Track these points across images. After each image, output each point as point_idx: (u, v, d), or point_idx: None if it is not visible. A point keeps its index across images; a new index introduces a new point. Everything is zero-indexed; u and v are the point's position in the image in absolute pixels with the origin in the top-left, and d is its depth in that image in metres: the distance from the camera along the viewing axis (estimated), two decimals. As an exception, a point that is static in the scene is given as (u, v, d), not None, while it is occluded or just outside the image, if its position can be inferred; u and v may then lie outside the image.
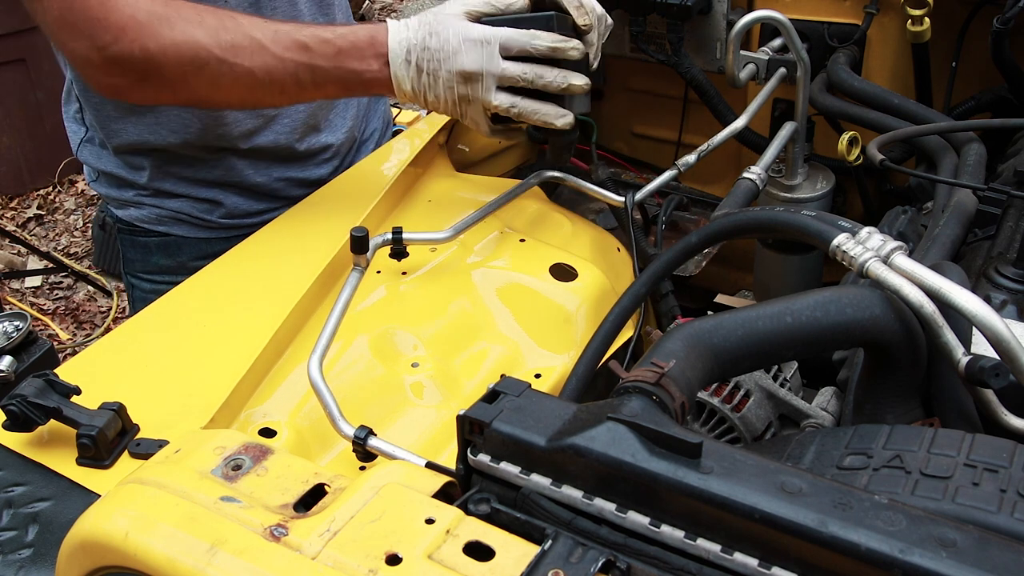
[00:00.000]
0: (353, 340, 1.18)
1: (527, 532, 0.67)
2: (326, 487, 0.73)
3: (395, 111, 4.55)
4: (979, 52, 1.51)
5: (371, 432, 0.99)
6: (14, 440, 0.96)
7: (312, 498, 0.72)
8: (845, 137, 1.47)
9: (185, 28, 1.26)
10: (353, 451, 1.00)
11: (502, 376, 1.00)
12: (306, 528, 0.67)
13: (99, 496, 0.77)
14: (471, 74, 1.24)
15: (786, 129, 1.54)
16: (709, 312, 1.26)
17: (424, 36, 1.26)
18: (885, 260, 0.95)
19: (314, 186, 1.54)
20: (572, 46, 1.26)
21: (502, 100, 1.26)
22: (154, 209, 1.60)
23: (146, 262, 1.66)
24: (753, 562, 0.62)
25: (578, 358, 1.13)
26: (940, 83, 1.59)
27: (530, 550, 0.64)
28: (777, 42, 1.63)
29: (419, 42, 1.26)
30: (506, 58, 1.24)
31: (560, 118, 1.28)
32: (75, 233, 4.25)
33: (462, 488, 0.73)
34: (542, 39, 1.24)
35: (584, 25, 1.32)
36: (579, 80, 1.27)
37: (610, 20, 1.36)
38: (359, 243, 1.21)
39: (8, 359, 1.05)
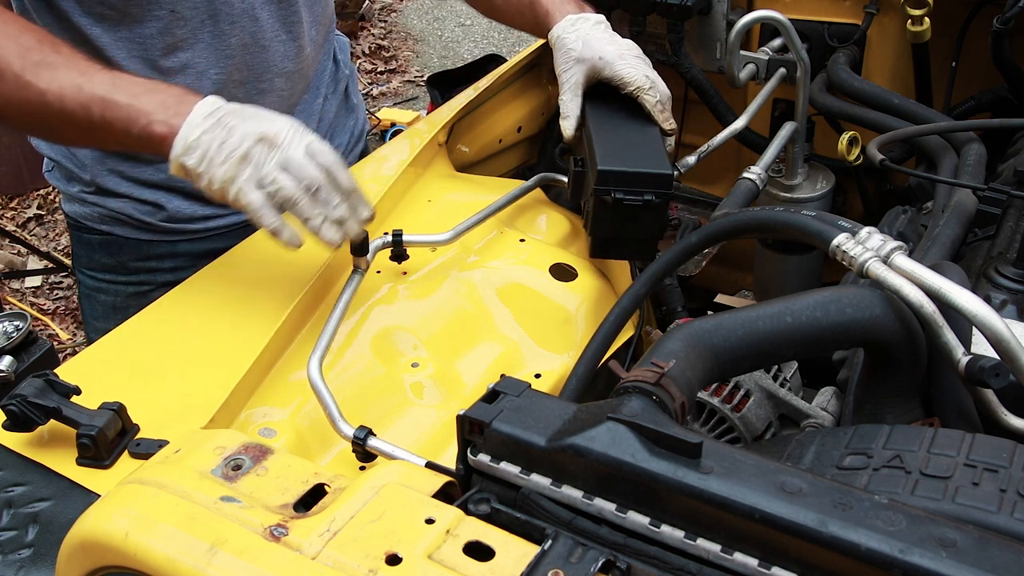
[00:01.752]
0: (353, 340, 1.18)
1: (527, 532, 0.67)
2: (326, 487, 0.72)
3: (395, 111, 4.54)
4: (979, 52, 1.51)
5: (371, 432, 0.99)
6: (14, 440, 0.96)
7: (312, 498, 0.72)
8: (845, 137, 1.47)
9: None
10: (353, 451, 1.00)
11: (502, 376, 1.00)
12: (306, 528, 0.67)
13: (99, 496, 0.77)
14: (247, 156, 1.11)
15: (786, 129, 1.54)
16: (709, 312, 1.26)
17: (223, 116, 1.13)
18: (885, 260, 0.95)
19: None
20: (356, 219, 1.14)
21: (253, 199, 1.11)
22: (96, 208, 1.55)
23: (90, 259, 1.63)
24: (753, 562, 0.62)
25: (578, 358, 1.13)
26: (940, 83, 1.59)
27: (530, 550, 0.64)
28: (777, 42, 1.63)
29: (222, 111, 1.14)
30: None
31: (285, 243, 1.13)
32: (75, 233, 4.24)
33: (462, 488, 0.73)
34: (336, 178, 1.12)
35: (670, 130, 1.35)
36: (334, 234, 1.12)
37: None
38: (359, 245, 1.21)
39: (8, 359, 1.05)
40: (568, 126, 1.39)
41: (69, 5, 1.33)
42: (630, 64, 1.37)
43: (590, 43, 1.39)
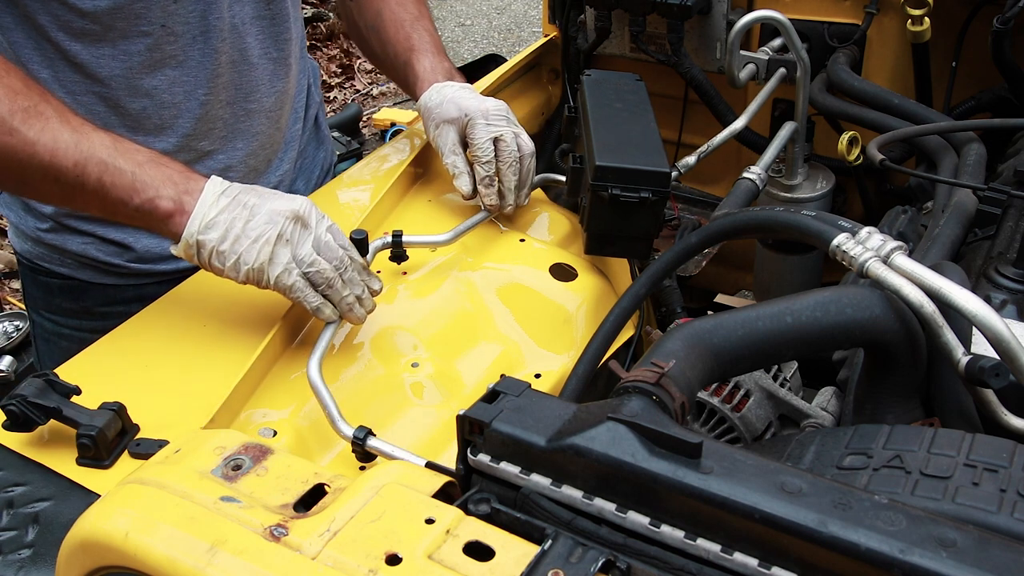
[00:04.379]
0: (353, 340, 1.18)
1: (527, 532, 0.67)
2: (326, 487, 0.72)
3: (395, 111, 4.54)
4: (979, 52, 1.51)
5: (370, 432, 0.99)
6: (14, 440, 0.96)
7: (312, 498, 0.72)
8: (845, 137, 1.47)
9: None
10: (352, 451, 1.00)
11: (502, 376, 1.00)
12: (306, 528, 0.67)
13: (99, 496, 0.77)
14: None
15: (786, 129, 1.54)
16: (709, 312, 1.26)
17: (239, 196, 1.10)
18: (885, 260, 0.95)
19: None
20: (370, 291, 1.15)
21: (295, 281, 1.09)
22: (54, 250, 1.41)
23: (48, 302, 1.48)
24: (753, 562, 0.62)
25: (578, 358, 1.13)
26: (940, 83, 1.59)
27: (530, 550, 0.64)
28: (777, 42, 1.63)
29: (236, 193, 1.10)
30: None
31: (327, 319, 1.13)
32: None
33: (462, 488, 0.73)
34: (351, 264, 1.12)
35: (488, 206, 1.37)
36: (361, 312, 1.14)
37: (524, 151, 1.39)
38: (359, 246, 1.21)
39: (8, 359, 1.05)
40: (465, 183, 1.38)
41: (46, 20, 1.23)
42: (487, 127, 1.36)
43: (456, 101, 1.39)
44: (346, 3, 1.60)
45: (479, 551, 0.64)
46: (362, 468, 1.01)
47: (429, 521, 0.66)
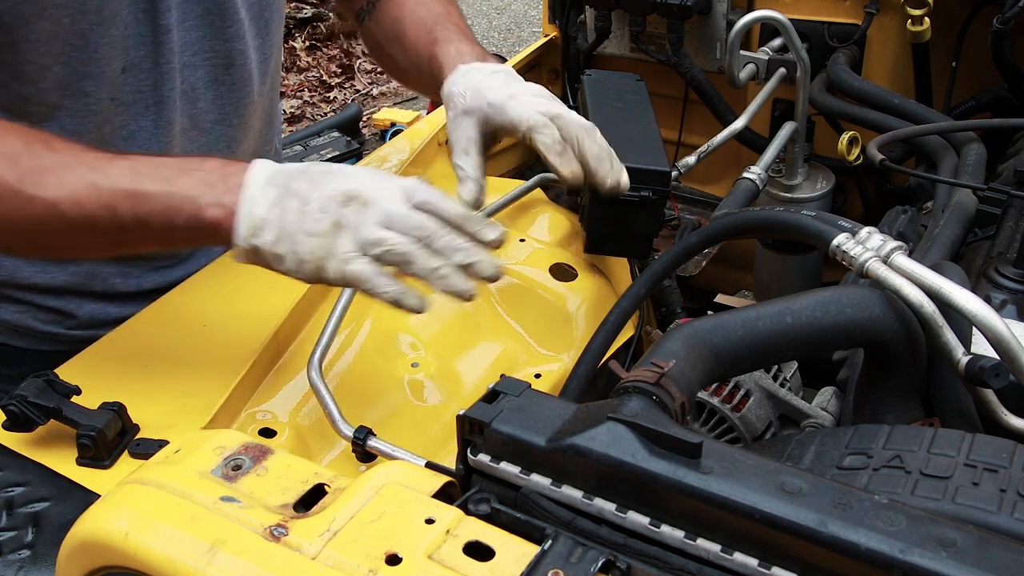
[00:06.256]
0: (353, 340, 1.18)
1: (527, 532, 0.67)
2: (326, 487, 0.72)
3: (395, 111, 4.54)
4: (979, 52, 1.51)
5: (370, 432, 0.99)
6: (14, 440, 0.96)
7: (312, 498, 0.72)
8: (845, 137, 1.47)
9: None
10: (352, 451, 1.00)
11: (502, 376, 1.00)
12: (306, 528, 0.67)
13: (99, 496, 0.77)
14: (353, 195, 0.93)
15: (786, 129, 1.54)
16: (709, 312, 1.26)
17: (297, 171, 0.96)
18: (885, 260, 0.95)
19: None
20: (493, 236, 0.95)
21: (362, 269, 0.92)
22: None
23: None
24: (753, 562, 0.62)
25: (578, 358, 1.13)
26: (940, 83, 1.59)
27: (530, 550, 0.64)
28: (777, 42, 1.63)
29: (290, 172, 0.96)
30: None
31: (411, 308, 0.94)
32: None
33: (462, 488, 0.73)
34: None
35: (566, 175, 1.09)
36: (464, 283, 0.93)
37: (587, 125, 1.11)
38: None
39: (8, 359, 1.05)
40: (468, 191, 1.11)
41: None
42: (522, 104, 1.11)
43: (479, 91, 1.13)
44: (366, 27, 1.42)
45: (479, 551, 0.64)
46: (362, 468, 1.01)
47: (429, 521, 0.66)
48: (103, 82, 1.16)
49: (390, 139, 1.87)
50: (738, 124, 1.52)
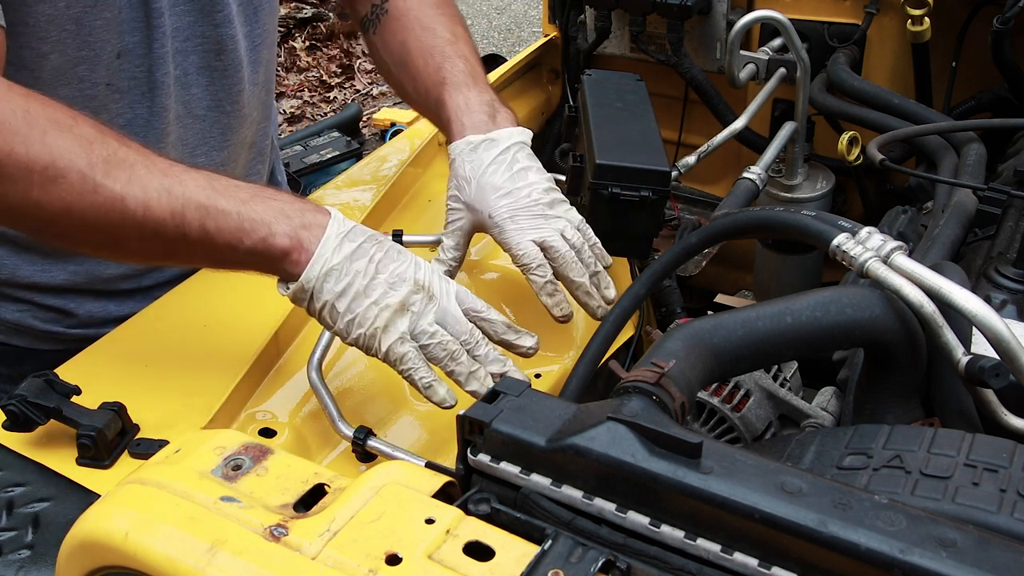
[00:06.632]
0: (353, 340, 1.18)
1: (527, 532, 0.67)
2: (326, 487, 0.72)
3: (396, 111, 4.54)
4: (979, 52, 1.51)
5: (371, 432, 0.99)
6: (14, 440, 0.96)
7: (312, 498, 0.72)
8: (845, 137, 1.47)
9: (49, 132, 0.93)
10: (353, 451, 1.00)
11: (502, 376, 1.00)
12: (306, 528, 0.67)
13: (99, 496, 0.77)
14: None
15: (786, 129, 1.54)
16: (709, 312, 1.26)
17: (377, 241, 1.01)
18: (885, 260, 0.95)
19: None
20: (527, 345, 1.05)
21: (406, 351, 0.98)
22: None
23: None
24: (753, 562, 0.62)
25: (578, 358, 1.13)
26: (940, 83, 1.59)
27: (530, 550, 0.64)
28: (777, 42, 1.63)
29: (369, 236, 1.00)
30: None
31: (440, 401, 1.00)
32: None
33: (462, 488, 0.73)
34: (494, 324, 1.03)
35: (560, 317, 1.13)
36: (482, 388, 1.00)
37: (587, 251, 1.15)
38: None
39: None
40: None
41: None
42: (521, 230, 1.13)
43: (483, 189, 1.15)
44: (371, 39, 1.41)
45: (479, 551, 0.64)
46: (362, 468, 1.01)
47: (429, 521, 0.66)
48: (98, 67, 1.16)
49: (390, 139, 1.87)
50: (738, 124, 1.52)
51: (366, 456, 1.00)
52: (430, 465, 0.78)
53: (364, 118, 4.57)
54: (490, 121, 1.21)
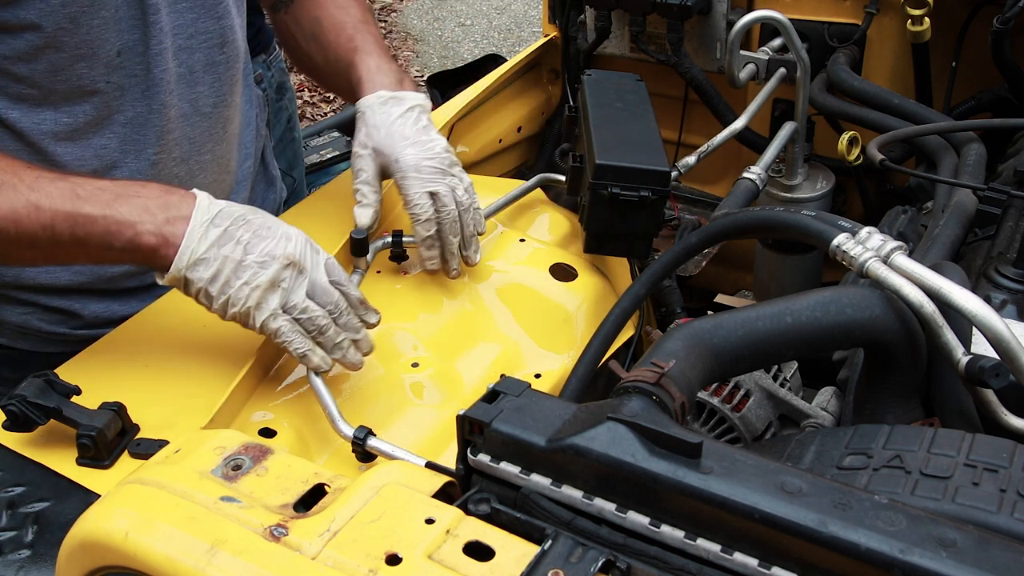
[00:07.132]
0: (353, 340, 1.18)
1: (527, 532, 0.67)
2: (326, 487, 0.73)
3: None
4: (979, 52, 1.51)
5: (370, 432, 0.99)
6: (14, 440, 0.96)
7: (312, 498, 0.72)
8: (845, 137, 1.47)
9: None
10: (353, 451, 1.00)
11: (502, 376, 1.00)
12: (306, 528, 0.67)
13: (99, 496, 0.77)
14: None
15: (786, 129, 1.54)
16: (709, 312, 1.26)
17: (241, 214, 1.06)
18: (885, 260, 0.95)
19: None
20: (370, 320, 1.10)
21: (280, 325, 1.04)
22: None
23: None
24: (753, 562, 0.62)
25: (578, 358, 1.13)
26: (940, 83, 1.59)
27: (530, 550, 0.64)
28: (777, 42, 1.63)
29: (234, 215, 1.05)
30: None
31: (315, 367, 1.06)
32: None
33: (462, 488, 0.73)
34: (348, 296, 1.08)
35: (430, 265, 1.23)
36: (356, 356, 1.08)
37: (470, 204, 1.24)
38: (359, 246, 1.21)
39: (9, 359, 1.05)
40: (367, 216, 1.25)
41: None
42: (421, 181, 1.22)
43: (392, 136, 1.25)
44: (280, 18, 1.47)
45: (479, 551, 0.64)
46: (362, 468, 1.01)
47: (429, 521, 0.66)
48: (97, 66, 1.18)
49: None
50: (738, 124, 1.52)
51: (366, 456, 1.00)
52: (430, 465, 0.78)
53: (364, 118, 4.56)
54: (398, 84, 1.32)
